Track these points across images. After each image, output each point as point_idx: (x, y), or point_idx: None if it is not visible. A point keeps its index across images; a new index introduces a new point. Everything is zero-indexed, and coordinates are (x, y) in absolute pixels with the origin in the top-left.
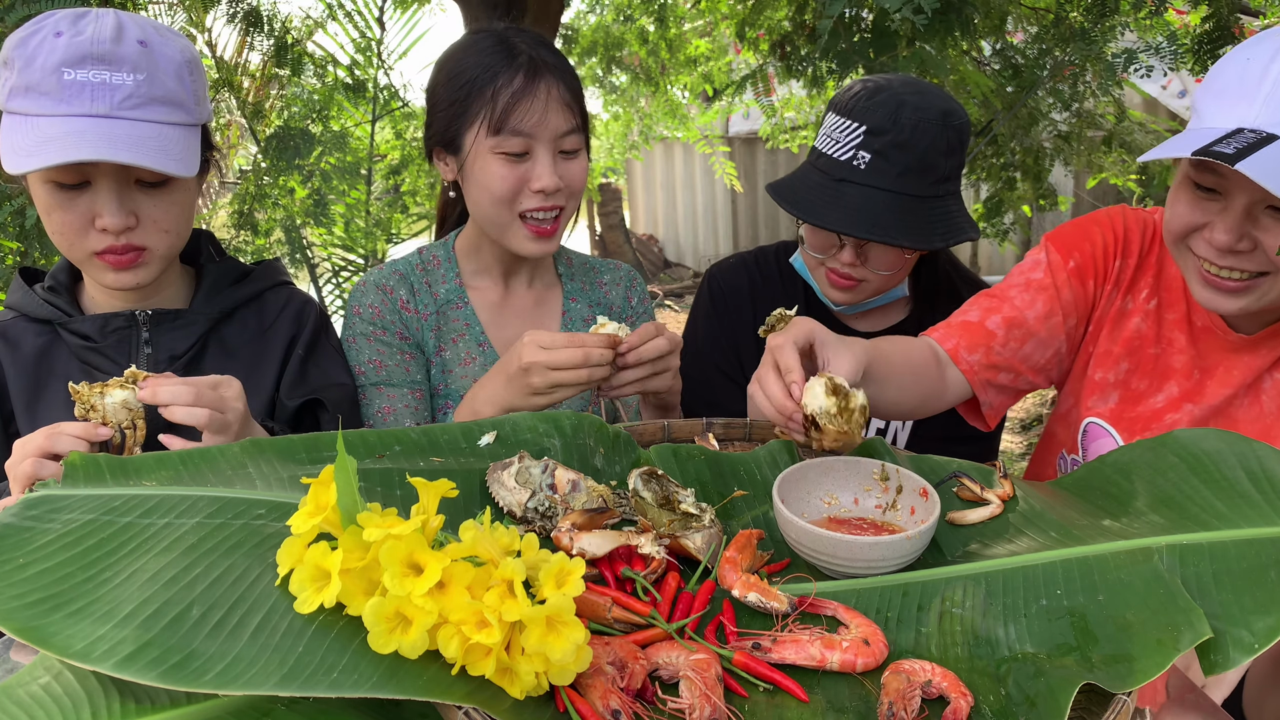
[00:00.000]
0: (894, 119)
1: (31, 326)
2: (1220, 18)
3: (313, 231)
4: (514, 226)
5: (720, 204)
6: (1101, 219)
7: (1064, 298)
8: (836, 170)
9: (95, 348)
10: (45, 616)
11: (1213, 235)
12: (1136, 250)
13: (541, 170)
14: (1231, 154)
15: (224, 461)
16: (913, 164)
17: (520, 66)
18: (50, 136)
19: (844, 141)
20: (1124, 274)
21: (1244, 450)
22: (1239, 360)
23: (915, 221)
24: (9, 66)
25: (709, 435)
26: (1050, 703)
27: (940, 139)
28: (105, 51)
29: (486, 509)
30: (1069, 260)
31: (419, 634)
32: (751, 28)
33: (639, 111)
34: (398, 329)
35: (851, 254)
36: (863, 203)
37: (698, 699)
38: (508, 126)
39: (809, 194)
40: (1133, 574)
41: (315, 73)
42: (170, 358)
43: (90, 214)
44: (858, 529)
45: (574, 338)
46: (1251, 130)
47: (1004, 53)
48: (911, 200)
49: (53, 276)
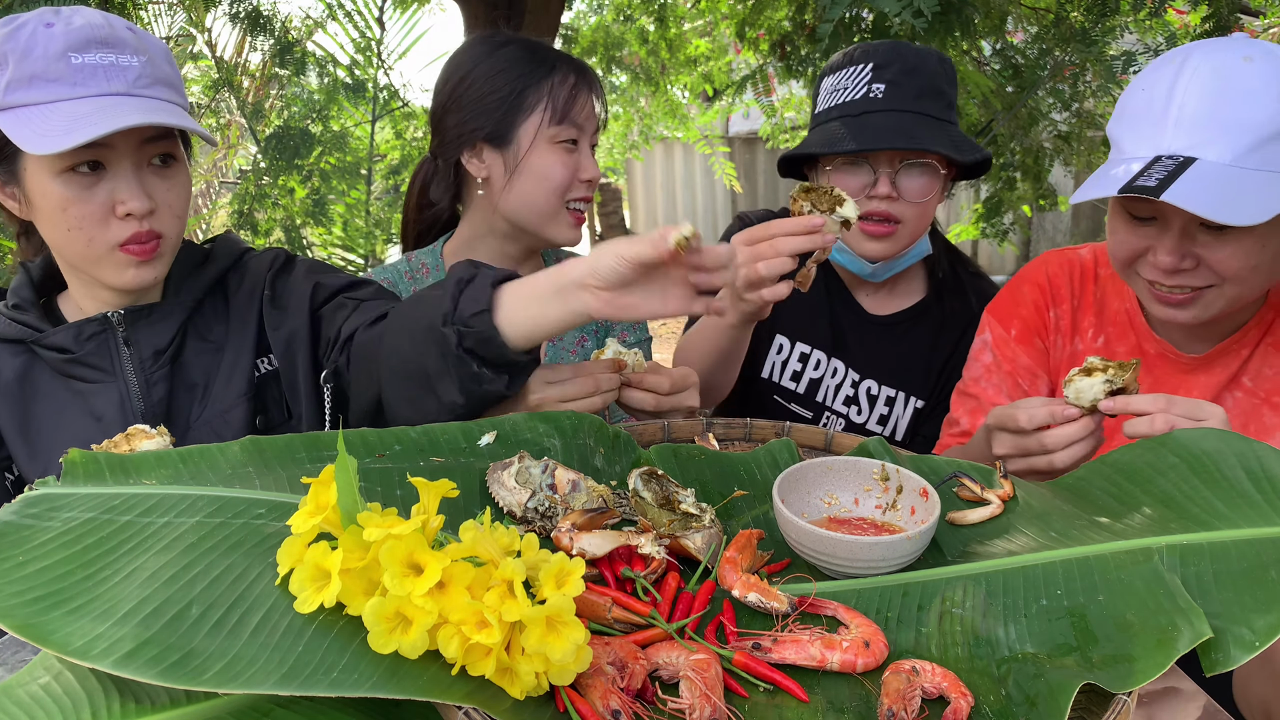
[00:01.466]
0: (897, 51)
1: (5, 348)
2: (1220, 18)
3: (312, 231)
4: (560, 215)
5: (720, 204)
6: (1027, 276)
7: (1023, 363)
8: (854, 108)
9: (74, 358)
10: (44, 614)
11: (1156, 259)
12: (1067, 295)
13: (587, 162)
14: (1155, 186)
15: (224, 460)
16: (925, 87)
17: (566, 64)
18: (80, 114)
19: (853, 85)
20: (1062, 321)
21: (1244, 450)
22: (1196, 381)
23: (942, 136)
24: (2, 63)
25: (709, 435)
26: (1050, 703)
27: (939, 69)
28: (106, 35)
29: (486, 509)
30: (1010, 330)
31: (419, 634)
32: (751, 28)
33: (639, 111)
34: None
35: (887, 184)
36: (890, 123)
37: (698, 699)
38: (569, 117)
39: (830, 135)
40: (1133, 574)
41: (315, 73)
42: (154, 353)
43: (110, 202)
44: (858, 529)
45: (579, 368)
46: (1169, 156)
47: (1004, 53)
48: (931, 120)
49: (14, 294)
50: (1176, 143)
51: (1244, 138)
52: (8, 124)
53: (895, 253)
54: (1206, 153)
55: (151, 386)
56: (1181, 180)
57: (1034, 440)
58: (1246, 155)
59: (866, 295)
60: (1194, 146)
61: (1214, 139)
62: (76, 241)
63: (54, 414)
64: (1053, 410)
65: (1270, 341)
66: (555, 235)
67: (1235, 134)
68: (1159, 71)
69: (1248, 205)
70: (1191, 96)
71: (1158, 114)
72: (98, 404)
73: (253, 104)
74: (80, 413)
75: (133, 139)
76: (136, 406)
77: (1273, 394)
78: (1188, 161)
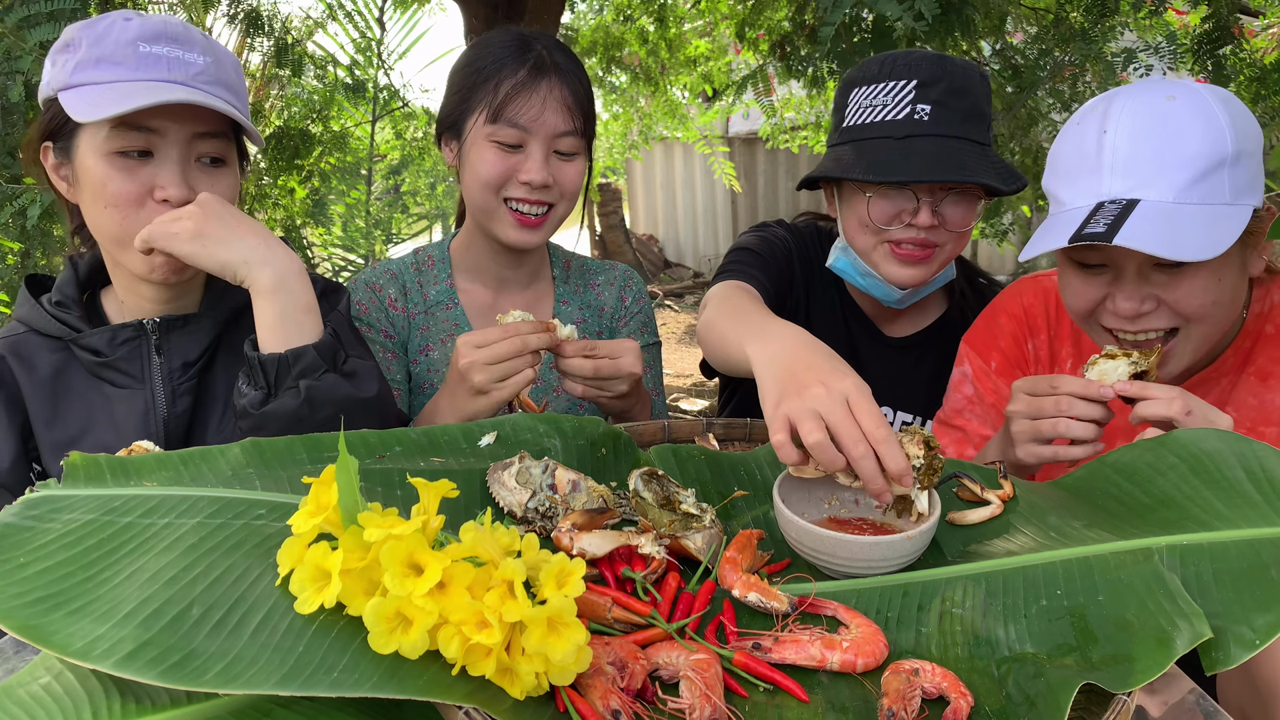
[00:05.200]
0: (942, 67)
1: (45, 342)
2: (1220, 18)
3: (312, 231)
4: (499, 213)
5: (720, 204)
6: (1003, 306)
7: (1005, 395)
8: (897, 130)
9: (106, 362)
10: (45, 615)
11: (1116, 305)
12: (1044, 325)
13: (531, 165)
14: (1105, 231)
15: (224, 462)
16: (970, 110)
17: (528, 62)
18: (134, 91)
19: (894, 103)
20: (1040, 352)
21: (1244, 450)
22: None
23: (989, 166)
24: (73, 47)
25: (709, 435)
26: (1050, 703)
27: (980, 85)
28: (178, 33)
29: (487, 509)
30: (990, 362)
31: (419, 634)
32: (751, 28)
33: (639, 111)
34: (383, 327)
35: (929, 213)
36: (938, 151)
37: (698, 699)
38: (504, 116)
39: (874, 157)
40: (1133, 574)
41: (315, 73)
42: (184, 365)
43: (150, 185)
44: (858, 529)
45: (507, 328)
46: (1111, 201)
47: (1004, 53)
48: (976, 146)
49: (59, 291)
50: (1115, 187)
51: (1181, 174)
52: (68, 100)
53: (927, 279)
54: (1148, 193)
55: (178, 397)
56: (1130, 222)
57: (1051, 402)
58: (1188, 191)
59: (884, 319)
60: (1134, 189)
61: (1153, 179)
62: (111, 221)
63: (81, 415)
64: (1089, 384)
65: (1252, 371)
66: (501, 234)
67: (1173, 171)
68: (1084, 122)
69: (1199, 240)
70: (1123, 140)
71: (1091, 162)
72: (122, 410)
73: (253, 104)
74: (104, 417)
75: (184, 132)
76: (160, 415)
77: (1258, 423)
78: (1132, 204)
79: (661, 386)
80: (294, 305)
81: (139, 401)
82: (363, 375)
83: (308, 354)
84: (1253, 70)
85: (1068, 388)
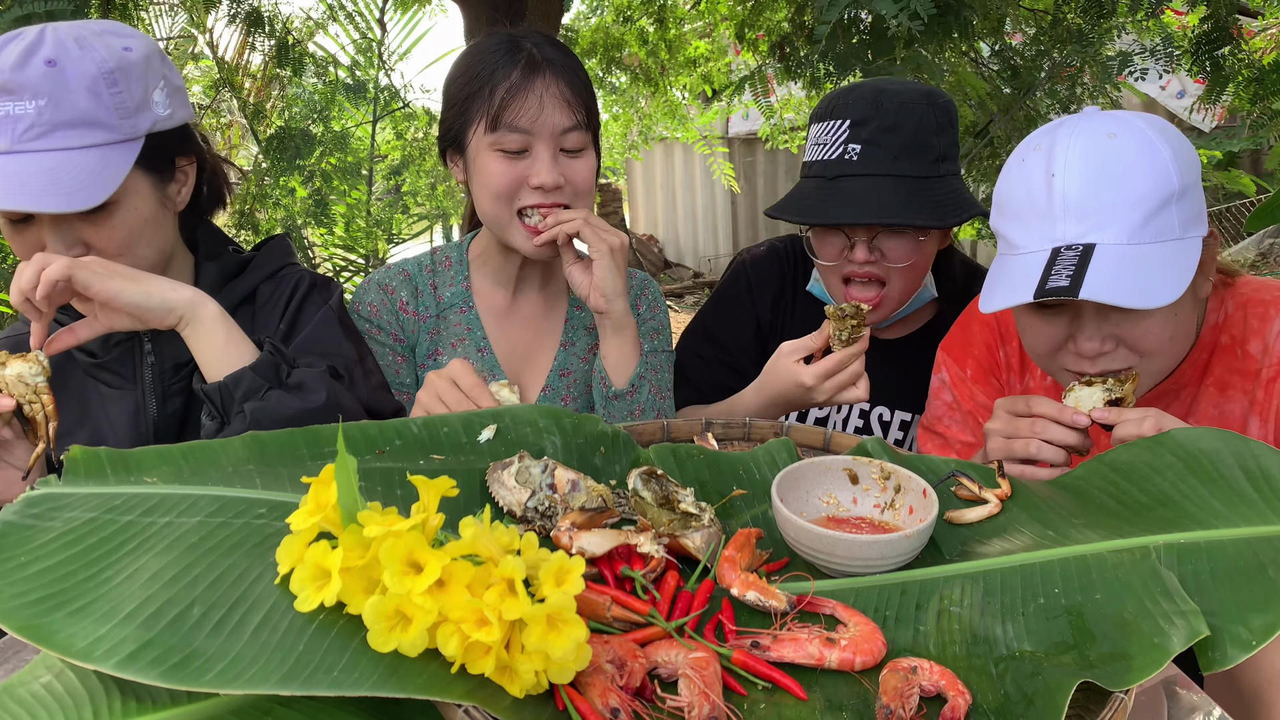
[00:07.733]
0: (875, 105)
1: None
2: (1219, 18)
3: (313, 231)
4: (513, 225)
5: (720, 204)
6: (976, 314)
7: (981, 402)
8: (830, 170)
9: (100, 363)
10: (46, 615)
11: (1078, 346)
12: (1014, 332)
13: (540, 167)
14: (1069, 285)
15: (225, 456)
16: (906, 145)
17: (519, 63)
18: None
19: (831, 142)
20: (1012, 359)
21: (1241, 449)
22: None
23: (921, 202)
24: None
25: (708, 435)
26: (1048, 701)
27: (928, 118)
28: (5, 81)
29: (486, 507)
30: (965, 370)
31: (419, 632)
32: (751, 29)
33: (638, 112)
34: (393, 330)
35: (864, 251)
36: (863, 191)
37: (697, 697)
38: (504, 122)
39: (807, 199)
40: (1130, 572)
41: (316, 73)
42: (175, 366)
43: (38, 245)
44: (856, 528)
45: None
46: (1067, 247)
47: (1002, 54)
48: (912, 182)
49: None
50: (1069, 232)
51: (1133, 215)
52: None
53: (886, 316)
54: (1102, 236)
55: (169, 398)
56: (1091, 271)
57: (1026, 424)
58: (1140, 231)
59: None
60: (1087, 233)
61: (1105, 222)
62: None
63: (76, 414)
64: (1063, 410)
65: (1211, 381)
66: (517, 246)
67: (1124, 213)
68: (1028, 163)
69: (1160, 283)
70: (1072, 185)
71: (1042, 206)
72: (114, 410)
73: (254, 104)
74: (99, 416)
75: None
76: (150, 416)
77: None
78: (1089, 250)
79: (671, 394)
80: (219, 333)
81: (129, 402)
82: (309, 384)
83: (246, 376)
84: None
85: (1043, 410)
